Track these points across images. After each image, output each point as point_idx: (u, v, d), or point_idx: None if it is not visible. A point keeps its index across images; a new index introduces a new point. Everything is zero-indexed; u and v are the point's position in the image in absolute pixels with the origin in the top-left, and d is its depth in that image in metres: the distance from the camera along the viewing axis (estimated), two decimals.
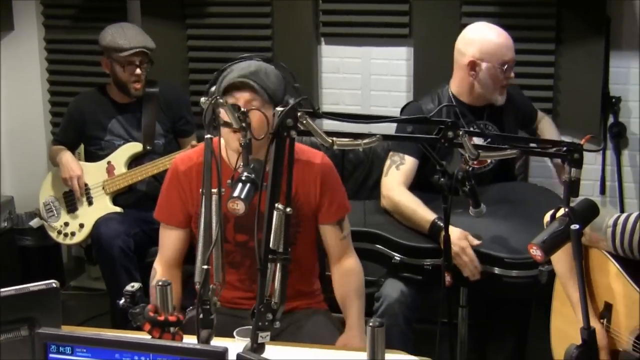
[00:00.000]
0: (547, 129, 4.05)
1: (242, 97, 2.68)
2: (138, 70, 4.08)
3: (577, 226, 2.09)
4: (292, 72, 2.39)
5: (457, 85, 3.68)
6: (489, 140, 2.85)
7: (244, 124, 2.20)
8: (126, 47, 4.02)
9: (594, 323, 2.51)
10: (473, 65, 3.57)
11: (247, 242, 2.89)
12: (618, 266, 2.60)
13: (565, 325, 2.81)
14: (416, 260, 3.33)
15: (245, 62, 2.69)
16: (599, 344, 2.45)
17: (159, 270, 2.89)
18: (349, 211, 3.02)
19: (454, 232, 3.21)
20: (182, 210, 2.90)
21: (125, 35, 4.05)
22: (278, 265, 2.08)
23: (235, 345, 2.01)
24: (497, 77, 3.57)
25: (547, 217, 2.36)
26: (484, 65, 3.55)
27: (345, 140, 2.09)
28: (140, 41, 4.07)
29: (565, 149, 2.22)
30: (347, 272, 2.99)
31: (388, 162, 3.61)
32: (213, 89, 2.41)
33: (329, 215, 2.94)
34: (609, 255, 2.63)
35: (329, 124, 3.79)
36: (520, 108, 3.89)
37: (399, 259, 3.35)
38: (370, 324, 1.87)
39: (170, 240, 2.94)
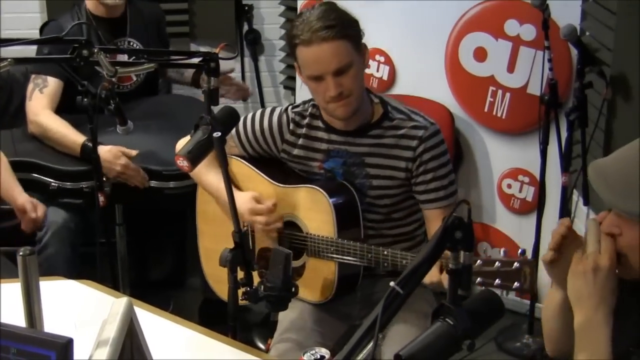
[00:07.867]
0: None
1: None
2: None
3: (219, 133, 2.14)
4: None
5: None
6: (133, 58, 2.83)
7: None
8: None
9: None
10: None
11: None
12: (253, 167, 2.72)
13: (213, 244, 2.79)
14: (74, 184, 3.30)
15: None
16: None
17: None
18: None
19: (107, 151, 3.21)
20: None
21: None
22: None
23: None
24: None
25: None
26: None
27: None
28: None
29: (201, 59, 2.26)
30: None
31: (31, 85, 3.47)
32: None
33: None
34: (245, 162, 2.75)
35: None
36: (162, 20, 3.90)
37: (56, 185, 3.30)
38: (21, 252, 1.82)
39: None
